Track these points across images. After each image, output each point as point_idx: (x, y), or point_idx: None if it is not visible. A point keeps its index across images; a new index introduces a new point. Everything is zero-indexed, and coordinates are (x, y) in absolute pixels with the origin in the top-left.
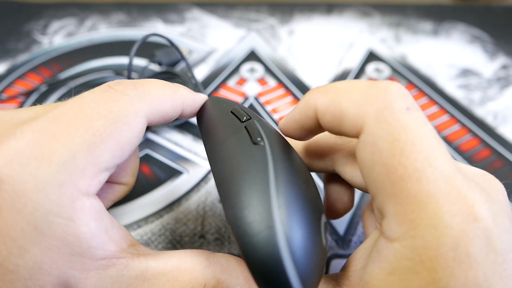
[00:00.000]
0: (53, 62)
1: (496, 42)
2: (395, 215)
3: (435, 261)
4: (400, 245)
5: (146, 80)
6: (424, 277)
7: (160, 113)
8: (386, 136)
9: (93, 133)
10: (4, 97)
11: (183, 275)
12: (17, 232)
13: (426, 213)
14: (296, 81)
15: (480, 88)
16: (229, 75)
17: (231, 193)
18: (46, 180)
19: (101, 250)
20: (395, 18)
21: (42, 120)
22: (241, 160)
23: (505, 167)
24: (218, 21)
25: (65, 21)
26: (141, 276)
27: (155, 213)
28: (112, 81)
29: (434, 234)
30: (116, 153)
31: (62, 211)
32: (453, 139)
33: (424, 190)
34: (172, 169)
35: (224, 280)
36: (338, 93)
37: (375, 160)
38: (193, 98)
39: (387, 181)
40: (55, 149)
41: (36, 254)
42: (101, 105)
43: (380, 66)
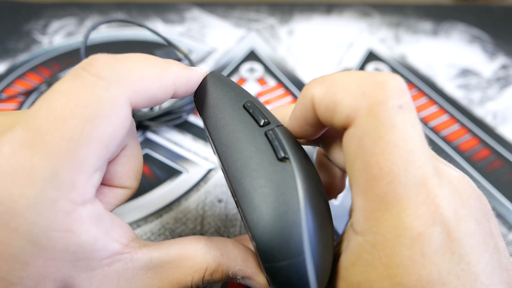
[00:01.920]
0: (53, 62)
1: (495, 42)
2: (363, 210)
3: (391, 258)
4: (363, 239)
5: (127, 56)
6: (381, 272)
7: (145, 96)
8: (372, 133)
9: (69, 138)
10: (3, 97)
11: (185, 261)
12: (16, 249)
13: (390, 213)
14: (295, 81)
15: (479, 88)
16: (229, 75)
17: (257, 211)
18: (37, 199)
19: (105, 251)
20: (395, 18)
21: (17, 130)
22: (265, 180)
23: (504, 167)
24: (218, 21)
25: (65, 21)
26: (145, 267)
27: (155, 213)
28: (86, 60)
29: (393, 233)
30: (101, 153)
31: (59, 226)
32: (452, 139)
33: (392, 193)
34: (172, 169)
35: (224, 263)
36: (334, 83)
37: (358, 154)
38: (188, 76)
39: (362, 177)
40: (35, 162)
41: (39, 266)
42: (73, 99)
43: (379, 66)
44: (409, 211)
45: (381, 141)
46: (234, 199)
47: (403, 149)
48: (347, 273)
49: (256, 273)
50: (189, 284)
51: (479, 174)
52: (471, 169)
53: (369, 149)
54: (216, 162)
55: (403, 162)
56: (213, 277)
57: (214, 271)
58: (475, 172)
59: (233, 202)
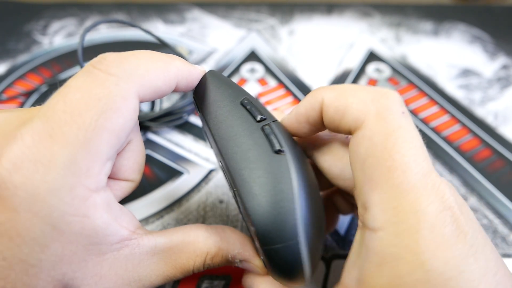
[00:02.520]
0: (53, 62)
1: (496, 42)
2: (379, 203)
3: (418, 243)
4: (384, 233)
5: (133, 53)
6: (410, 261)
7: (152, 89)
8: (382, 132)
9: (85, 128)
10: (4, 98)
11: (188, 247)
12: (37, 233)
13: (407, 200)
14: (296, 81)
15: (480, 88)
16: (229, 76)
17: (256, 199)
18: (57, 185)
19: (115, 236)
20: (396, 18)
21: (36, 121)
22: (263, 171)
23: (505, 167)
24: (218, 21)
25: (65, 22)
26: (151, 252)
27: (156, 214)
28: (96, 58)
29: (415, 218)
30: (113, 142)
31: (77, 211)
32: (453, 139)
33: (407, 181)
34: (173, 170)
35: (224, 247)
36: (345, 90)
37: (369, 153)
38: (189, 71)
39: (375, 172)
40: (55, 151)
41: (57, 248)
42: (87, 94)
43: (380, 66)
44: (423, 197)
45: (392, 137)
46: (233, 190)
47: (411, 145)
48: (375, 277)
49: (253, 256)
50: (191, 268)
51: (480, 174)
52: (472, 169)
53: (380, 145)
54: (216, 163)
55: (413, 155)
56: (213, 261)
57: (214, 255)
58: (476, 173)
59: (234, 203)
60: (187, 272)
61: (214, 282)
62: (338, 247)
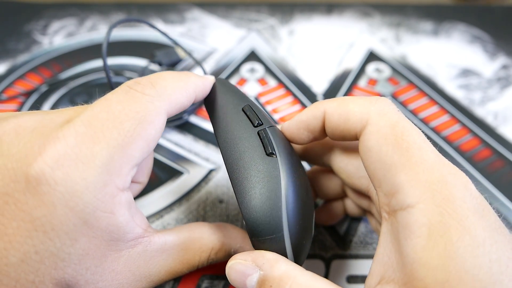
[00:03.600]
0: (53, 62)
1: (496, 42)
2: (409, 181)
3: (457, 211)
4: (424, 205)
5: (160, 76)
6: (458, 228)
7: (177, 106)
8: (388, 124)
9: (124, 135)
10: (4, 98)
11: (194, 243)
12: (70, 227)
13: (434, 174)
14: (296, 81)
15: (480, 88)
16: (229, 75)
17: (247, 196)
18: (93, 182)
19: (131, 234)
20: (395, 18)
21: (79, 125)
22: (255, 171)
23: (505, 167)
24: (218, 21)
25: (65, 21)
26: (161, 249)
27: (156, 213)
28: (130, 82)
29: (446, 190)
30: (144, 150)
31: (106, 207)
32: (453, 139)
33: (427, 158)
34: (173, 169)
35: (226, 242)
36: (344, 99)
37: (382, 142)
38: (203, 84)
39: (394, 156)
40: (96, 152)
41: (84, 243)
42: (127, 107)
43: (380, 66)
44: (446, 171)
45: (398, 127)
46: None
47: (416, 131)
48: (427, 251)
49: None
50: (196, 263)
51: (480, 174)
52: (472, 169)
53: (390, 134)
54: (216, 162)
55: (421, 138)
56: (217, 256)
57: (218, 250)
58: (476, 173)
59: (234, 203)
60: (193, 267)
61: (214, 282)
62: (337, 247)
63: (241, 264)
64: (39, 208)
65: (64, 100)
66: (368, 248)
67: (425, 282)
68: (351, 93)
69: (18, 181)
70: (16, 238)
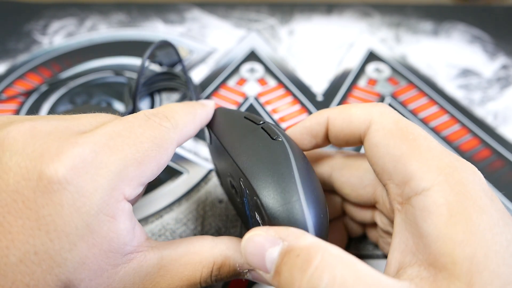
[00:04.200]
0: (53, 62)
1: (496, 42)
2: (421, 167)
3: (471, 193)
4: (440, 187)
5: (172, 110)
6: (474, 206)
7: (186, 137)
8: (391, 121)
9: (142, 153)
10: (4, 97)
11: (193, 257)
12: (72, 228)
13: (443, 160)
14: (296, 81)
15: (480, 88)
16: (229, 75)
17: (261, 177)
18: (103, 184)
19: (129, 246)
20: (395, 18)
21: (100, 135)
22: (265, 153)
23: (505, 167)
24: (218, 21)
25: (65, 21)
26: (157, 265)
27: (155, 213)
28: (148, 112)
29: (458, 174)
30: (154, 172)
31: (109, 210)
32: (453, 139)
33: (433, 146)
34: (172, 169)
35: (230, 256)
36: (346, 106)
37: (388, 137)
38: (207, 113)
39: (403, 147)
40: (112, 161)
41: (82, 249)
42: (147, 131)
43: (380, 66)
44: (453, 158)
45: (401, 122)
46: (239, 180)
47: (416, 126)
48: (450, 227)
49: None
50: (198, 280)
51: None
52: None
53: (396, 128)
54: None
55: (423, 132)
56: (221, 272)
57: (221, 265)
58: None
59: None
60: (194, 284)
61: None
62: None
63: (262, 236)
64: (47, 206)
65: (64, 100)
66: (368, 248)
67: (453, 257)
68: (351, 93)
69: (30, 179)
70: (19, 237)
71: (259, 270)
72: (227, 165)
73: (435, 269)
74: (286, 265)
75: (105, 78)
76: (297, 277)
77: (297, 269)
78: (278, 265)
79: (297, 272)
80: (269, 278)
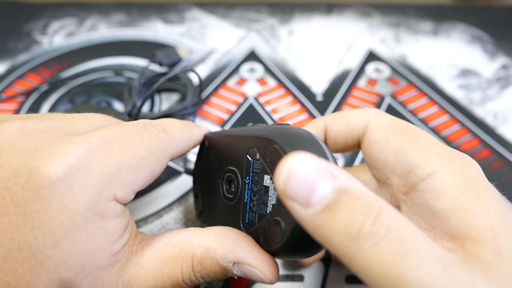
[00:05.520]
0: (53, 62)
1: (496, 42)
2: (423, 155)
3: (472, 176)
4: (443, 170)
5: (171, 125)
6: (480, 186)
7: (180, 153)
8: (388, 119)
9: (137, 160)
10: (3, 97)
11: (172, 250)
12: (57, 225)
13: (442, 149)
14: (296, 81)
15: (480, 88)
16: (229, 75)
17: (283, 133)
18: (93, 183)
19: (117, 244)
20: (395, 18)
21: (97, 138)
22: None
23: (505, 167)
24: (218, 21)
25: (65, 21)
26: (138, 265)
27: (155, 213)
28: (147, 122)
29: (458, 159)
30: (146, 180)
31: (98, 209)
32: (453, 139)
33: (430, 138)
34: (172, 169)
35: (211, 246)
36: (342, 111)
37: (387, 132)
38: (201, 134)
39: (403, 139)
40: (106, 162)
41: (66, 247)
42: (146, 140)
43: (380, 66)
44: (450, 149)
45: (397, 120)
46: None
47: (409, 124)
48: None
49: (248, 253)
50: (179, 277)
51: None
52: None
53: (392, 125)
54: None
55: (417, 128)
56: (203, 266)
57: (202, 258)
58: None
59: None
60: (177, 283)
61: (213, 282)
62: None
63: (313, 164)
64: (34, 203)
65: (64, 100)
66: None
67: (476, 226)
68: (350, 93)
69: (19, 175)
70: (5, 234)
71: (295, 201)
72: (227, 160)
73: (459, 239)
74: (342, 205)
75: (105, 78)
76: (359, 219)
77: (359, 211)
78: (331, 202)
79: (359, 214)
80: (310, 213)
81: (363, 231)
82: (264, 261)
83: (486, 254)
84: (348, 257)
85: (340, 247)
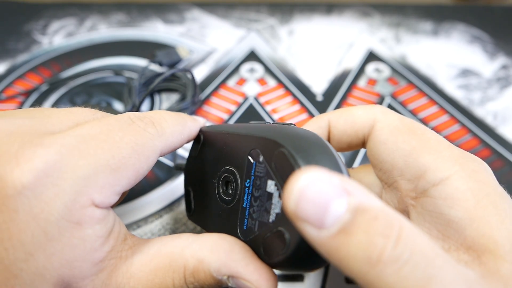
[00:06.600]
0: (53, 62)
1: (496, 42)
2: (435, 159)
3: (486, 181)
4: (457, 175)
5: (161, 117)
6: (495, 193)
7: (171, 147)
8: (396, 118)
9: (119, 160)
10: (3, 97)
11: (163, 260)
12: (27, 237)
13: (454, 152)
14: (296, 81)
15: (480, 88)
16: (229, 75)
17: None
18: (66, 189)
19: (100, 252)
20: (395, 18)
21: (71, 137)
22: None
23: (505, 167)
24: (218, 21)
25: (65, 21)
26: (127, 273)
27: (155, 213)
28: (133, 115)
29: (471, 163)
30: (131, 181)
31: (72, 216)
32: (453, 139)
33: (441, 139)
34: (172, 169)
35: (204, 258)
36: (346, 108)
37: (396, 133)
38: (196, 128)
39: (413, 141)
40: (80, 165)
41: (40, 259)
42: (128, 136)
43: (380, 66)
44: (460, 151)
45: (405, 120)
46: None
47: (416, 123)
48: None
49: (243, 267)
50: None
51: None
52: None
53: (401, 125)
54: None
55: (429, 129)
56: (196, 278)
57: (194, 270)
58: None
59: None
60: None
61: None
62: None
63: (326, 182)
64: (1, 214)
65: (64, 100)
66: None
67: (494, 237)
68: (350, 93)
69: None
70: None
71: (308, 223)
72: (225, 159)
73: (476, 251)
74: (360, 226)
75: (105, 78)
76: (379, 242)
77: (378, 233)
78: (347, 223)
79: (378, 237)
80: (324, 235)
81: (384, 256)
82: (262, 276)
83: (505, 268)
84: (367, 282)
85: (359, 273)
